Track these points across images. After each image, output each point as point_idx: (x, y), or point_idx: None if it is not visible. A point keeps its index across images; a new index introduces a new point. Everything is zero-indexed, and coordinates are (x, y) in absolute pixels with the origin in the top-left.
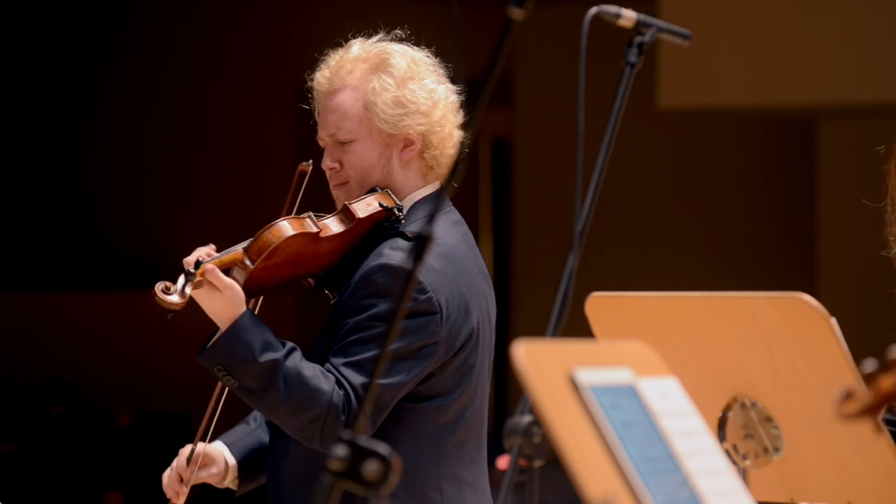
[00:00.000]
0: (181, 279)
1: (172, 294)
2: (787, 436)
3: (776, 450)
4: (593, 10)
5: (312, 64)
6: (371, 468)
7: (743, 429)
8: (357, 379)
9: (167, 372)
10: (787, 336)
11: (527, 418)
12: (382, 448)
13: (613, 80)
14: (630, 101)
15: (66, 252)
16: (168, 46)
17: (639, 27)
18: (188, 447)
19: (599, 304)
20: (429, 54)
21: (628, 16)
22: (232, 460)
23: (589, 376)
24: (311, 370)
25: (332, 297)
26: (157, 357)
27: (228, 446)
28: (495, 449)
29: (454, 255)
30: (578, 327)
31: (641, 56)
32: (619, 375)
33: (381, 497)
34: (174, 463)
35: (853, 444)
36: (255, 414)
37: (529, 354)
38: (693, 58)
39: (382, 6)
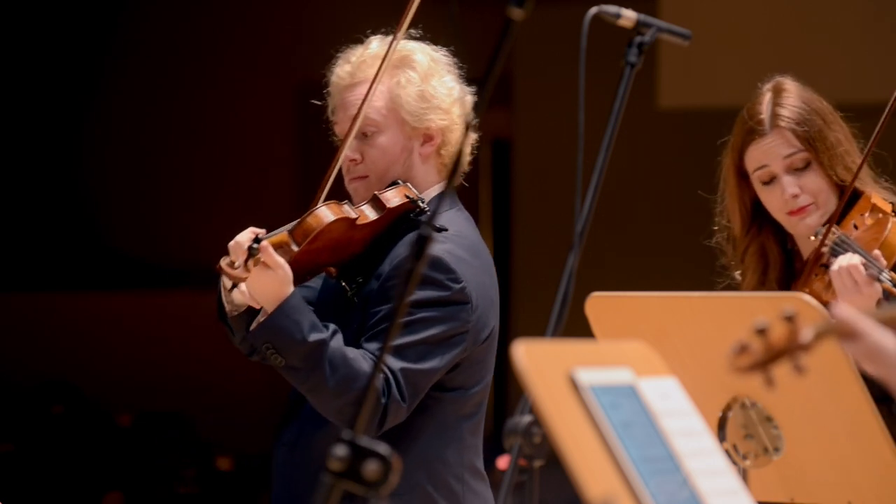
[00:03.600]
0: (242, 255)
1: (238, 268)
2: (787, 436)
3: (776, 450)
4: (593, 10)
5: (313, 64)
6: (371, 468)
7: (743, 429)
8: (395, 364)
9: (167, 372)
10: None
11: (527, 418)
12: (382, 448)
13: (613, 80)
14: (630, 100)
15: (66, 252)
16: (168, 46)
17: (639, 27)
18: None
19: (599, 304)
20: (446, 53)
21: (628, 16)
22: None
23: (589, 376)
24: (353, 352)
25: (350, 288)
26: (157, 357)
27: None
28: (495, 449)
29: (478, 249)
30: (578, 327)
31: (641, 56)
32: (619, 375)
33: (381, 497)
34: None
35: (853, 444)
36: None
37: (529, 354)
38: (693, 58)
39: (383, 6)
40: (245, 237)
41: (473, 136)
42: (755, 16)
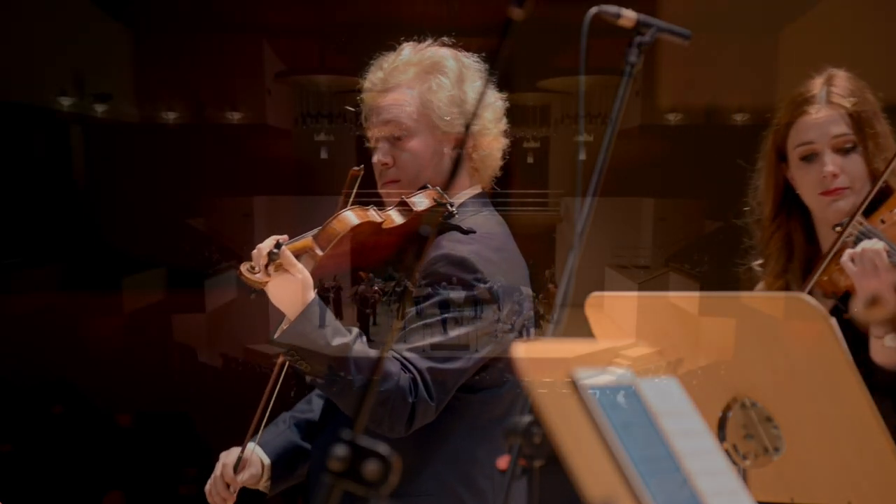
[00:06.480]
0: (262, 260)
1: (258, 273)
2: (787, 436)
3: (776, 450)
4: (593, 10)
5: (314, 65)
6: (371, 468)
7: (743, 429)
8: (422, 363)
9: (167, 372)
10: (787, 336)
11: (527, 418)
12: (382, 448)
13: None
14: (630, 101)
15: (68, 252)
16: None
17: (639, 27)
18: (232, 453)
19: (599, 304)
20: (477, 59)
21: (628, 16)
22: (266, 460)
23: (589, 376)
24: (378, 355)
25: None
26: (157, 357)
27: (261, 447)
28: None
29: (507, 250)
30: (578, 327)
31: (641, 56)
32: (619, 375)
33: (381, 497)
34: (217, 471)
35: (853, 444)
36: (284, 416)
37: (529, 354)
38: (693, 58)
39: (384, 5)
40: (267, 244)
41: (505, 141)
42: (755, 16)
